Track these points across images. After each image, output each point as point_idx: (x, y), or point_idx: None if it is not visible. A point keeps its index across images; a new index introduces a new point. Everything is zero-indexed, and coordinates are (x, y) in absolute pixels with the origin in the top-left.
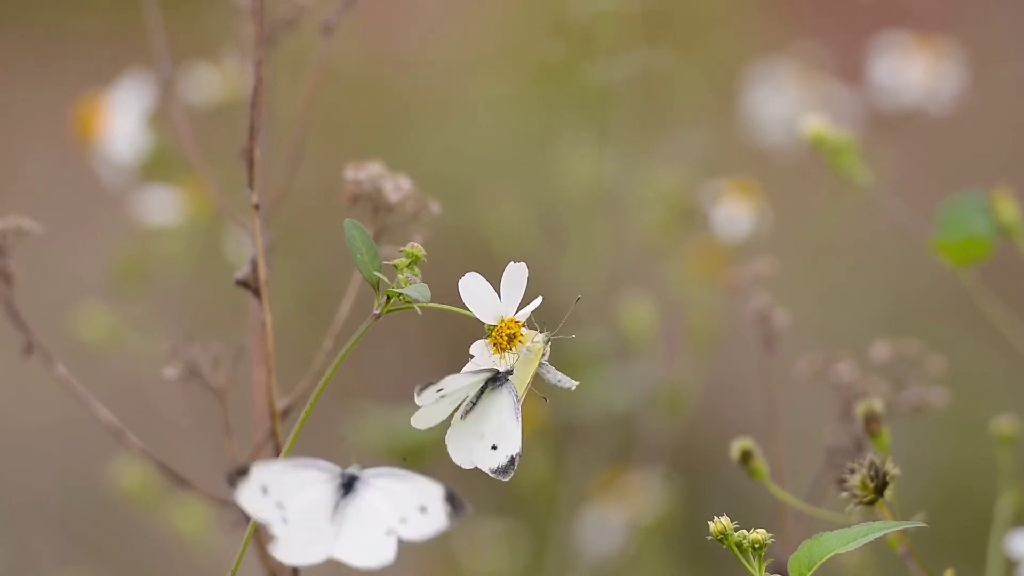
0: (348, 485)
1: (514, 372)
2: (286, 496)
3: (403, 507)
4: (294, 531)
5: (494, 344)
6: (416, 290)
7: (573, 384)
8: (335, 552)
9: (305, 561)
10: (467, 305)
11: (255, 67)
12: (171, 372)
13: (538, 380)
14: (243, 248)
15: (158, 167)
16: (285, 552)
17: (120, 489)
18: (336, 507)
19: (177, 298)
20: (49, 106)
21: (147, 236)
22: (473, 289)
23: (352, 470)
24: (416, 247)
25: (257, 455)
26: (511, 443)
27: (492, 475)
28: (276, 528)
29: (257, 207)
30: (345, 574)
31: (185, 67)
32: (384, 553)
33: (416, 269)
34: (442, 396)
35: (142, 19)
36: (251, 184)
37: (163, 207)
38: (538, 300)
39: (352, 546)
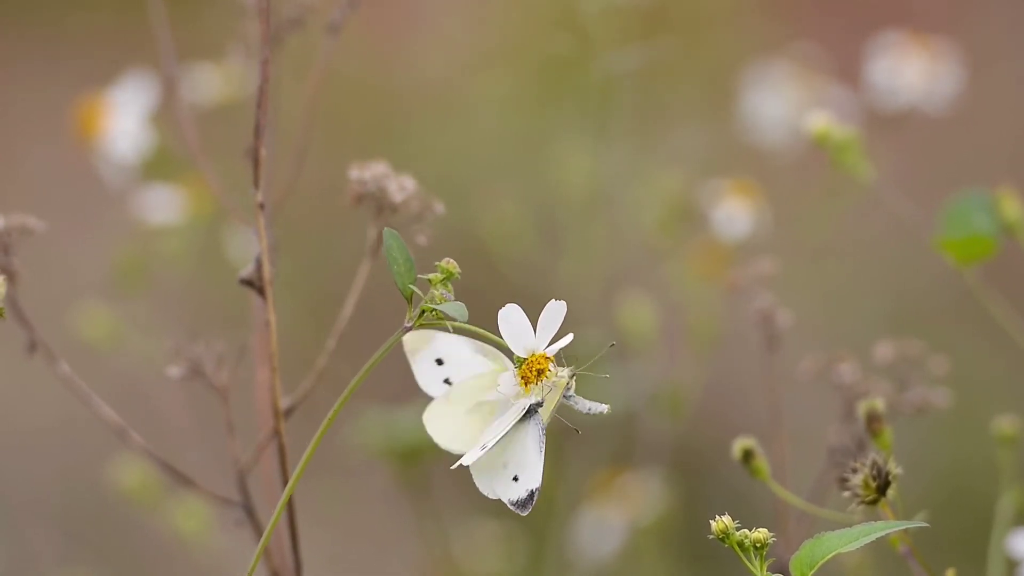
0: None
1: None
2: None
3: None
4: None
5: (522, 377)
6: (453, 308)
7: (605, 408)
8: None
9: None
10: (502, 335)
11: (261, 66)
12: (174, 371)
13: (569, 411)
14: (246, 247)
15: (159, 166)
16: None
17: (120, 489)
18: None
19: (178, 297)
20: (49, 106)
21: (148, 235)
22: (512, 321)
23: None
24: (451, 263)
25: (260, 455)
26: (531, 478)
27: (511, 507)
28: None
29: (262, 206)
30: (345, 573)
31: (187, 65)
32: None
33: (449, 285)
34: (441, 367)
35: (143, 19)
36: (256, 183)
37: (164, 206)
38: (569, 337)
39: None
